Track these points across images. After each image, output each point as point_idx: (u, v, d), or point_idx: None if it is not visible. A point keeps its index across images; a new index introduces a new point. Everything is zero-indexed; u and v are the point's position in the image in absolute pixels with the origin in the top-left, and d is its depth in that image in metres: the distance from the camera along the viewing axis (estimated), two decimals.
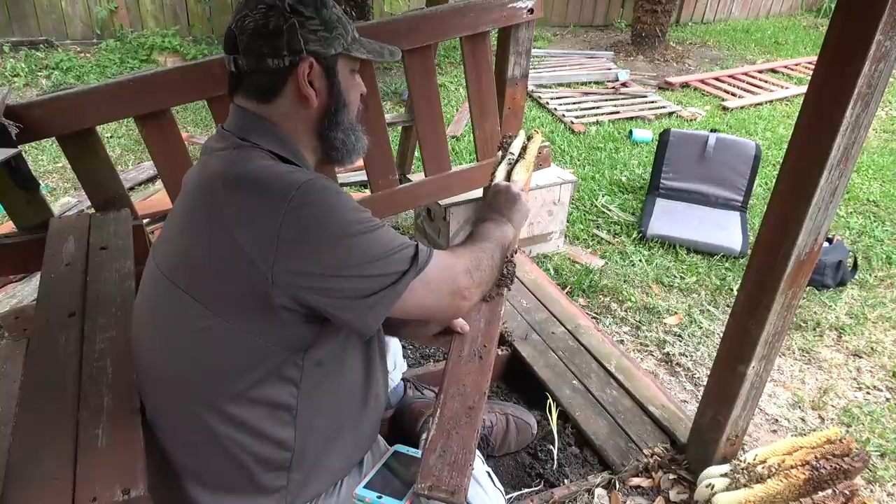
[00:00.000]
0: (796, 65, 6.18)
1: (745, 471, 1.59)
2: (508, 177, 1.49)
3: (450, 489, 0.97)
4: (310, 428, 1.07)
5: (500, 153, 1.58)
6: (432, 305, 1.07)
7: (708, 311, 2.56)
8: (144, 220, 2.82)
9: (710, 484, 1.58)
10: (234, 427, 1.02)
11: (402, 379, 1.76)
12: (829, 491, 1.54)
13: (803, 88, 4.12)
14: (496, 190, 1.38)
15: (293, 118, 1.05)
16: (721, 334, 1.60)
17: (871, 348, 2.38)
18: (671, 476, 1.68)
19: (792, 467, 1.57)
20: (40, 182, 2.08)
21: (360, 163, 2.43)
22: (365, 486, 1.13)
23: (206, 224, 0.97)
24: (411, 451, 1.24)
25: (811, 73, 1.21)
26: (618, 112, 4.80)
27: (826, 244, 2.73)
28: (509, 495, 1.62)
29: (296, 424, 1.05)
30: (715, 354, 1.58)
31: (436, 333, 1.31)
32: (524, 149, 1.56)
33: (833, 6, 1.28)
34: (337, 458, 1.15)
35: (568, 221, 3.00)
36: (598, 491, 1.64)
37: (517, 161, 1.53)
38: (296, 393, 1.04)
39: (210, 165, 1.02)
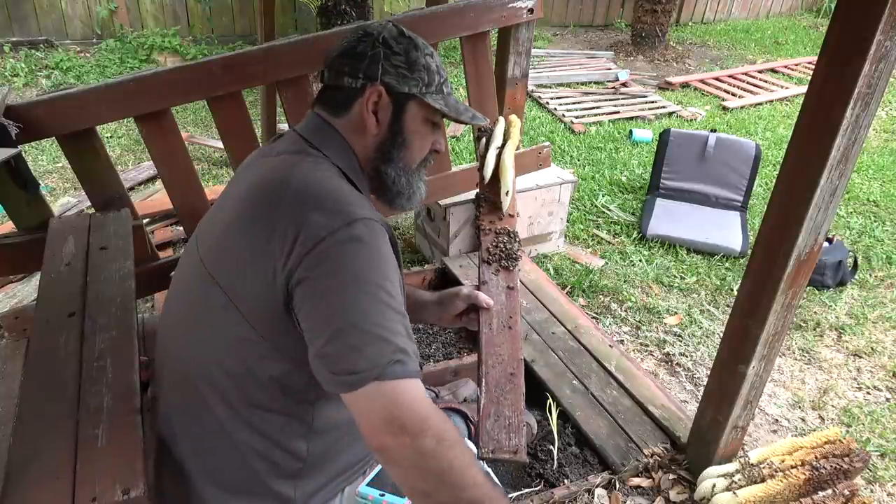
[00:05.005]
0: (796, 65, 6.18)
1: (745, 471, 1.59)
2: (498, 159, 1.56)
3: (512, 449, 1.05)
4: (323, 440, 1.07)
5: (483, 142, 1.61)
6: (363, 423, 0.87)
7: (708, 311, 2.56)
8: (144, 220, 2.83)
9: (710, 484, 1.58)
10: (251, 432, 1.02)
11: None
12: (829, 491, 1.54)
13: (803, 88, 4.13)
14: None
15: (355, 137, 1.09)
16: (721, 334, 1.60)
17: (871, 348, 2.38)
18: (671, 476, 1.68)
19: (792, 467, 1.57)
20: (40, 182, 2.09)
21: None
22: (368, 484, 1.13)
23: (259, 225, 0.96)
24: None
25: (811, 73, 1.21)
26: (618, 112, 4.80)
27: (826, 244, 2.73)
28: (509, 495, 1.61)
29: (310, 436, 1.06)
30: (715, 354, 1.58)
31: (460, 312, 1.35)
32: (506, 132, 1.59)
33: (833, 6, 1.28)
34: (346, 466, 1.15)
35: (568, 221, 3.00)
36: (598, 491, 1.64)
37: (504, 144, 1.59)
38: (312, 406, 1.04)
39: (278, 168, 1.02)
